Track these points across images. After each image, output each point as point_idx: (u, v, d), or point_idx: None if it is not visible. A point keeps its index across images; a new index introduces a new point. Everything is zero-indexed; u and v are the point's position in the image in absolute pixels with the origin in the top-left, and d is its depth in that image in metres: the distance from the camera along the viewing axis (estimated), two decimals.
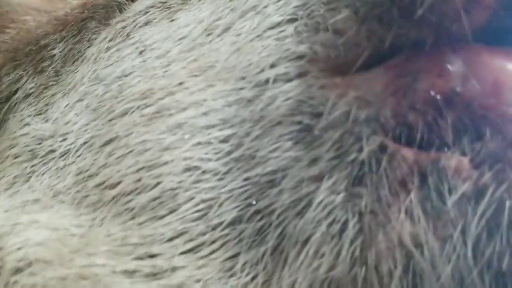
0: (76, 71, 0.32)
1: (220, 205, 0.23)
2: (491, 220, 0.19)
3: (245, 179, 0.23)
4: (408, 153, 0.20)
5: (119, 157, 0.25)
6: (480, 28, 0.21)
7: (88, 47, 0.33)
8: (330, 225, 0.21)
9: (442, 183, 0.19)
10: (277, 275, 0.21)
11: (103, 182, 0.25)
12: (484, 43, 0.21)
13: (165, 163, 0.24)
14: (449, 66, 0.21)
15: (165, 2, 0.31)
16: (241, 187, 0.23)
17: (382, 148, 0.21)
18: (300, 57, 0.24)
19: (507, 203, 0.19)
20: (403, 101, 0.21)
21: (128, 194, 0.24)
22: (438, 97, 0.20)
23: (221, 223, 0.22)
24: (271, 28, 0.25)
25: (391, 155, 0.20)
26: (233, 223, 0.22)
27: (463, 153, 0.20)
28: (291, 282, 0.20)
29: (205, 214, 0.23)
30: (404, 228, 0.19)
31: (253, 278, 0.21)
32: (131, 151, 0.25)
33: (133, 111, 0.26)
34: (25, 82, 0.35)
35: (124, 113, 0.26)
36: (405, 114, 0.21)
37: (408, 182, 0.20)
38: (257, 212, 0.22)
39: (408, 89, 0.21)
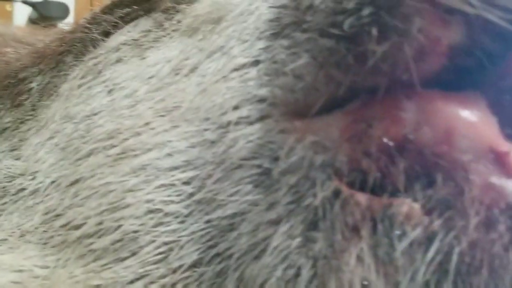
0: (50, 106, 0.32)
1: (181, 248, 0.23)
2: (439, 267, 0.19)
3: (206, 222, 0.23)
4: (362, 199, 0.21)
5: (83, 198, 0.25)
6: (435, 74, 0.22)
7: (63, 82, 0.33)
8: (285, 270, 0.21)
9: (393, 229, 0.20)
10: None
11: (68, 223, 0.25)
12: (440, 89, 0.22)
13: (128, 205, 0.24)
14: (402, 113, 0.21)
15: (137, 40, 0.31)
16: (202, 229, 0.23)
17: (336, 193, 0.21)
18: (261, 100, 0.24)
19: (456, 250, 0.19)
20: (358, 147, 0.21)
21: (91, 236, 0.24)
22: (391, 144, 0.21)
23: (181, 266, 0.23)
24: (236, 70, 0.25)
25: (345, 200, 0.21)
26: (194, 265, 0.23)
27: (415, 199, 0.20)
28: None
29: (166, 257, 0.23)
30: (355, 274, 0.19)
31: None
32: (95, 193, 0.25)
33: (99, 152, 0.26)
34: (2, 116, 0.36)
35: (89, 154, 0.26)
36: (360, 160, 0.21)
37: (360, 228, 0.20)
38: (217, 255, 0.22)
39: (363, 135, 0.21)
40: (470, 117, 0.21)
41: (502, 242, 0.18)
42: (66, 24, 0.56)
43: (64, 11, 1.26)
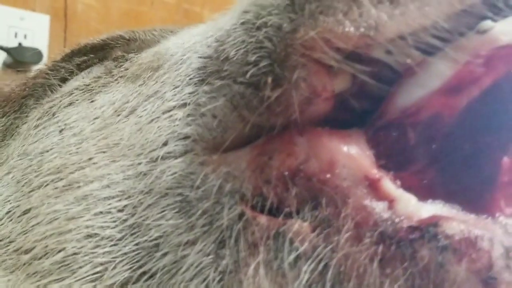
0: (10, 145, 0.36)
1: (114, 268, 0.26)
2: (319, 275, 0.22)
3: (136, 244, 0.27)
4: (262, 220, 0.24)
5: (33, 225, 0.29)
6: (324, 115, 0.26)
7: (24, 123, 0.37)
8: (199, 283, 0.24)
9: (284, 244, 0.23)
10: None
11: (20, 248, 0.29)
12: (329, 127, 0.26)
13: (70, 230, 0.28)
14: (295, 147, 0.25)
15: (88, 85, 0.35)
16: (132, 251, 0.27)
17: (241, 216, 0.25)
18: (186, 137, 0.28)
19: (332, 261, 0.23)
20: (260, 176, 0.25)
21: (39, 258, 0.28)
22: (286, 173, 0.25)
23: (114, 283, 0.26)
24: (167, 111, 0.30)
25: (247, 221, 0.24)
26: (125, 283, 0.26)
27: (304, 219, 0.24)
28: None
29: (101, 276, 0.26)
30: (253, 285, 0.23)
31: None
32: (43, 220, 0.28)
33: (48, 184, 0.30)
34: None
35: (40, 186, 0.30)
36: (261, 187, 0.25)
37: (259, 244, 0.24)
38: (144, 273, 0.26)
39: (264, 166, 0.25)
40: (350, 151, 0.25)
41: (368, 253, 0.22)
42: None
43: (37, 56, 1.30)
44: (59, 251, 0.27)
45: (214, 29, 0.31)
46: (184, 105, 0.29)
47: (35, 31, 1.55)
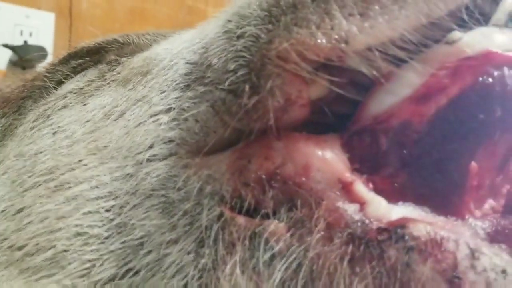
0: (7, 145, 0.38)
1: (102, 265, 0.28)
2: (293, 273, 0.24)
3: (122, 242, 0.28)
4: (240, 220, 0.26)
5: (26, 224, 0.30)
6: (302, 120, 0.27)
7: (21, 125, 0.39)
8: (179, 280, 0.26)
9: (261, 244, 0.25)
10: None
11: (13, 245, 0.30)
12: (307, 132, 0.27)
13: (60, 229, 0.29)
14: (272, 151, 0.26)
15: (82, 88, 0.37)
16: (118, 249, 0.28)
17: (220, 216, 0.26)
18: (170, 141, 0.29)
19: (306, 261, 0.24)
20: (239, 179, 0.26)
21: (31, 255, 0.29)
22: (264, 176, 0.26)
23: (101, 279, 0.28)
24: (153, 115, 0.31)
25: (226, 222, 0.26)
26: (112, 279, 0.28)
27: (280, 220, 0.25)
28: None
29: (89, 272, 0.28)
30: (230, 283, 0.24)
31: None
32: (35, 219, 0.30)
33: (40, 185, 0.31)
34: None
35: (33, 186, 0.31)
36: (240, 189, 0.26)
37: (237, 244, 0.25)
38: (129, 270, 0.27)
39: (243, 169, 0.27)
40: (325, 155, 0.26)
41: (338, 253, 0.24)
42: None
43: (43, 54, 1.32)
44: (50, 248, 0.29)
45: (201, 35, 0.33)
46: (170, 109, 0.31)
47: (40, 29, 1.58)
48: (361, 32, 0.24)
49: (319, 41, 0.24)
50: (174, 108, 0.30)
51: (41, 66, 0.63)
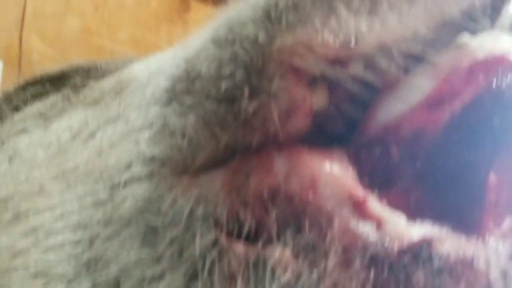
0: None
1: None
2: None
3: (93, 283, 0.23)
4: (239, 247, 0.22)
5: None
6: (305, 132, 0.24)
7: None
8: None
9: (265, 274, 0.21)
10: None
11: None
12: (309, 145, 0.24)
13: (15, 268, 0.24)
14: (274, 165, 0.23)
15: (43, 112, 0.33)
16: None
17: (215, 243, 0.22)
18: (151, 159, 0.25)
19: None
20: (236, 198, 0.23)
21: None
22: (265, 193, 0.23)
23: None
24: (130, 133, 0.27)
25: (223, 250, 0.22)
26: None
27: (286, 244, 0.22)
28: None
29: None
30: None
31: None
32: None
33: None
34: None
35: None
36: (238, 210, 0.23)
37: (237, 276, 0.21)
38: None
39: (241, 186, 0.23)
40: (333, 169, 0.23)
41: (359, 279, 0.20)
42: None
43: None
44: None
45: (182, 50, 0.30)
46: (150, 125, 0.27)
47: None
48: (370, 29, 0.22)
49: (326, 39, 0.22)
50: (155, 124, 0.27)
51: None
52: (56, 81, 0.39)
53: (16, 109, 0.36)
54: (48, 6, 1.61)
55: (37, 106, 0.34)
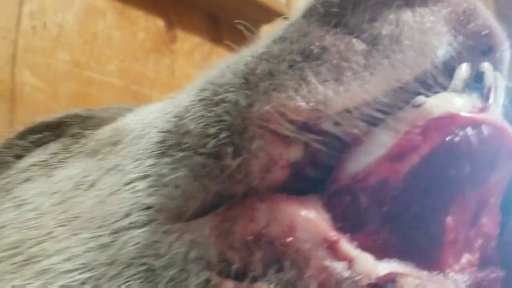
0: None
1: None
2: None
3: None
4: (229, 285, 0.25)
5: None
6: (283, 182, 0.28)
7: None
8: None
9: None
10: None
11: None
12: (287, 193, 0.28)
13: None
14: (256, 213, 0.26)
15: (45, 161, 0.36)
16: None
17: (208, 282, 0.25)
18: (148, 208, 0.29)
19: None
20: (224, 242, 0.26)
21: None
22: (250, 238, 0.26)
23: None
24: (128, 183, 0.30)
25: (215, 287, 0.25)
26: None
27: (269, 282, 0.25)
28: None
29: None
30: None
31: None
32: None
33: (4, 260, 0.29)
34: None
35: None
36: (226, 252, 0.26)
37: None
38: None
39: (228, 232, 0.26)
40: (309, 215, 0.26)
41: None
42: None
43: None
44: None
45: (172, 106, 0.33)
46: (146, 176, 0.30)
47: None
48: (337, 95, 0.26)
49: (298, 104, 0.26)
50: (150, 175, 0.30)
51: None
52: (55, 129, 0.42)
53: (18, 157, 0.39)
54: (38, 41, 1.64)
55: (38, 155, 0.37)
